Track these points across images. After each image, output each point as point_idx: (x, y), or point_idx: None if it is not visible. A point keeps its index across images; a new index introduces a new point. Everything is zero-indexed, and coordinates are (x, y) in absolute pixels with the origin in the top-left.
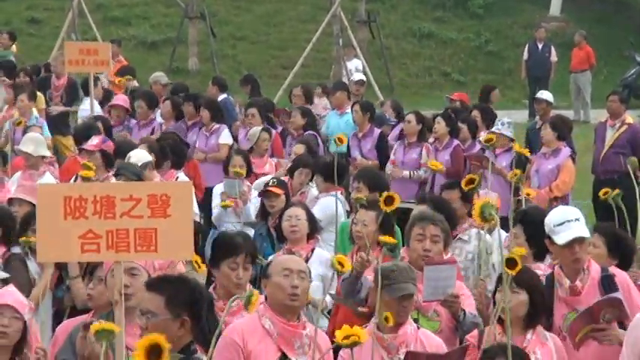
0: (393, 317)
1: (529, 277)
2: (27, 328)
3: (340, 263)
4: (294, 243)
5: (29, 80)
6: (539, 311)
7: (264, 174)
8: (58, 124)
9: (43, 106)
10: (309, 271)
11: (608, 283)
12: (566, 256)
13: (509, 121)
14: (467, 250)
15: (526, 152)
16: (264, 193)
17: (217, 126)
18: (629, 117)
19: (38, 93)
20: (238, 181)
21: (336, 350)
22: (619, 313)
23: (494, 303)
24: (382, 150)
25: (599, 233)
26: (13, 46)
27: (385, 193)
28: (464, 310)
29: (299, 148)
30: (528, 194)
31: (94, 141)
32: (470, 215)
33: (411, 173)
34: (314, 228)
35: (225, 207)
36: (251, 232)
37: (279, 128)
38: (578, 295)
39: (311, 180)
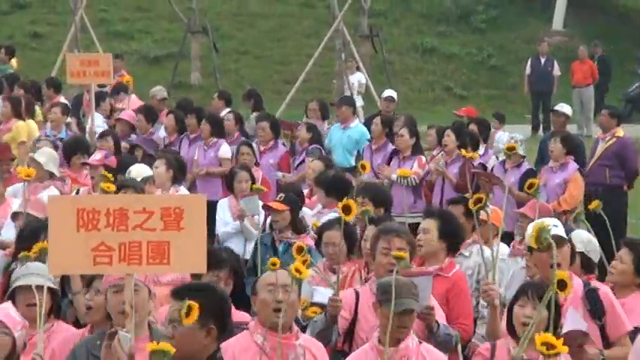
0: (393, 332)
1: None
2: (16, 346)
3: (298, 270)
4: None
5: (24, 93)
6: (556, 328)
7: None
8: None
9: (39, 119)
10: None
11: (592, 297)
12: (544, 262)
13: (521, 138)
14: (466, 266)
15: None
16: (267, 209)
17: (216, 140)
18: (620, 131)
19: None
20: (256, 196)
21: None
22: (586, 339)
23: (511, 317)
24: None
25: (629, 248)
26: (13, 61)
27: (344, 202)
28: (437, 322)
29: (316, 164)
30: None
31: (97, 156)
32: (473, 230)
33: (400, 180)
34: (353, 246)
35: None
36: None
37: (285, 144)
38: (561, 307)
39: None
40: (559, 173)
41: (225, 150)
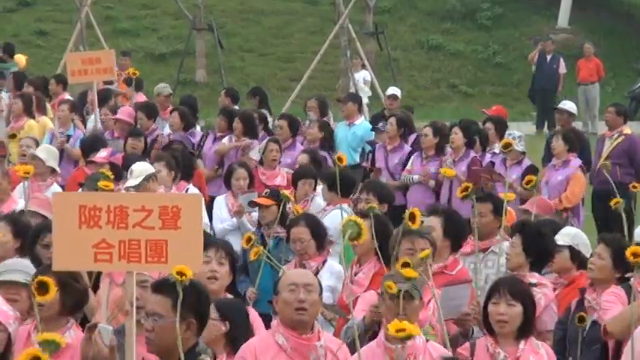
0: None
1: (524, 289)
2: (11, 339)
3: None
4: (304, 259)
5: (34, 90)
6: (531, 322)
7: (277, 186)
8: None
9: (50, 117)
10: (319, 283)
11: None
12: None
13: (520, 134)
14: (500, 263)
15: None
16: (254, 205)
17: (249, 141)
18: (627, 128)
19: (47, 105)
20: (255, 194)
21: None
22: None
23: (487, 314)
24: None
25: (606, 244)
26: (22, 58)
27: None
28: (472, 327)
29: (303, 158)
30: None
31: (103, 153)
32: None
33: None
34: (322, 241)
35: None
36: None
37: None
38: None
39: (314, 189)
40: (561, 170)
41: (255, 152)
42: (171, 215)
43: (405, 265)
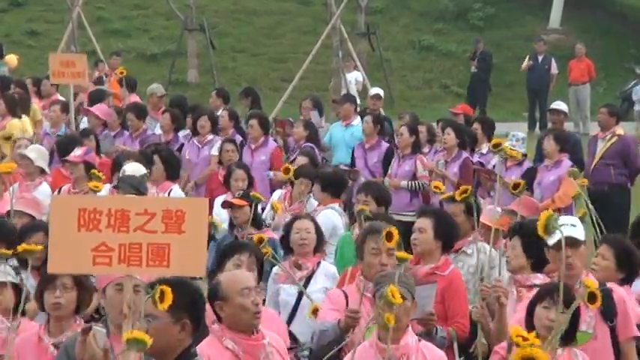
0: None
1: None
2: None
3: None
4: (302, 255)
5: (21, 92)
6: (575, 331)
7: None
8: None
9: (39, 118)
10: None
11: (605, 298)
12: (559, 261)
13: (523, 136)
14: (469, 264)
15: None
16: (227, 205)
17: (211, 137)
18: (620, 129)
19: (34, 106)
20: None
21: None
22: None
23: (532, 318)
24: (388, 164)
25: (609, 245)
26: (14, 59)
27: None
28: (436, 327)
29: (300, 160)
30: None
31: (78, 152)
32: (474, 229)
33: (410, 184)
34: (321, 241)
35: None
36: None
37: (278, 142)
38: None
39: (310, 191)
40: (553, 171)
41: (217, 148)
42: (175, 219)
43: None
